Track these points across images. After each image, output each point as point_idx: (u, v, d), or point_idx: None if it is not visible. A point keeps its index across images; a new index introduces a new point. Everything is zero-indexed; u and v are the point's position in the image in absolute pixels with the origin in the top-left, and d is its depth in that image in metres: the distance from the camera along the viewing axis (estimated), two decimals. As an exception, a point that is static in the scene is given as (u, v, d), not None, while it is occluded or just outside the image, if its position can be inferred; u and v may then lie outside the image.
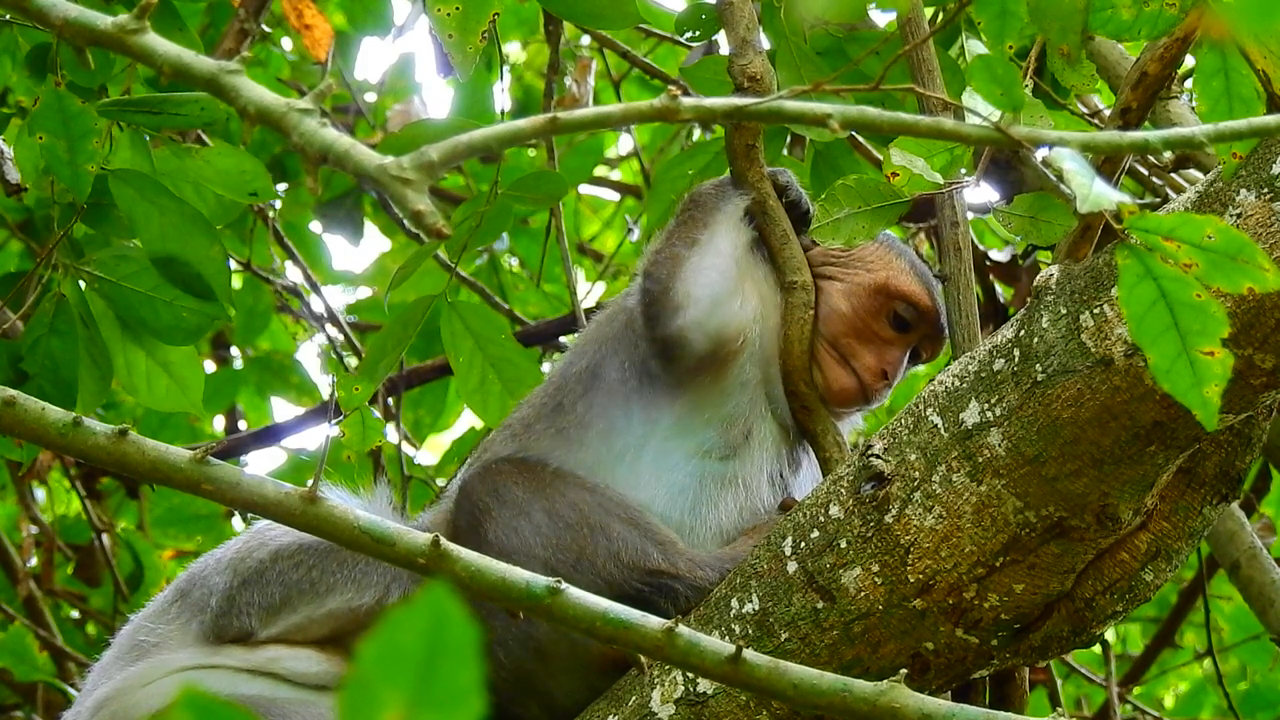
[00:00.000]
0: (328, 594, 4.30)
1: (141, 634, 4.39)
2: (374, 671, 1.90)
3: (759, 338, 4.24)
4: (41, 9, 3.11)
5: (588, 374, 4.28)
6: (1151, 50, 4.12)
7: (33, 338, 4.38)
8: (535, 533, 4.12)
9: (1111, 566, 3.92)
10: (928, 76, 4.23)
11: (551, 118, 2.87)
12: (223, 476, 3.30)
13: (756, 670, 3.16)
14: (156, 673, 4.27)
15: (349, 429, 5.19)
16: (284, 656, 4.29)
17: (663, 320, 4.16)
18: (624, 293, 4.48)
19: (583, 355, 4.33)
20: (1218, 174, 3.75)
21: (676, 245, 4.21)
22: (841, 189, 4.00)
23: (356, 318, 7.65)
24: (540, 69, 7.51)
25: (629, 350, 4.26)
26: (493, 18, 4.42)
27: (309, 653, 4.31)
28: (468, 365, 4.77)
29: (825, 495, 3.97)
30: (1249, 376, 3.68)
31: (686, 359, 4.18)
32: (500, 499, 4.15)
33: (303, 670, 4.29)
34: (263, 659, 4.28)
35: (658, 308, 4.18)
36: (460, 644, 1.91)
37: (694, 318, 4.16)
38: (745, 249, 4.24)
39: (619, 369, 4.26)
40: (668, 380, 4.21)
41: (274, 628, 4.30)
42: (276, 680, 4.28)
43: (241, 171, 4.36)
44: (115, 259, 4.42)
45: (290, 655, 4.30)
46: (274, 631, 4.30)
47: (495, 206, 4.61)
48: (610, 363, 4.27)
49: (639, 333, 4.24)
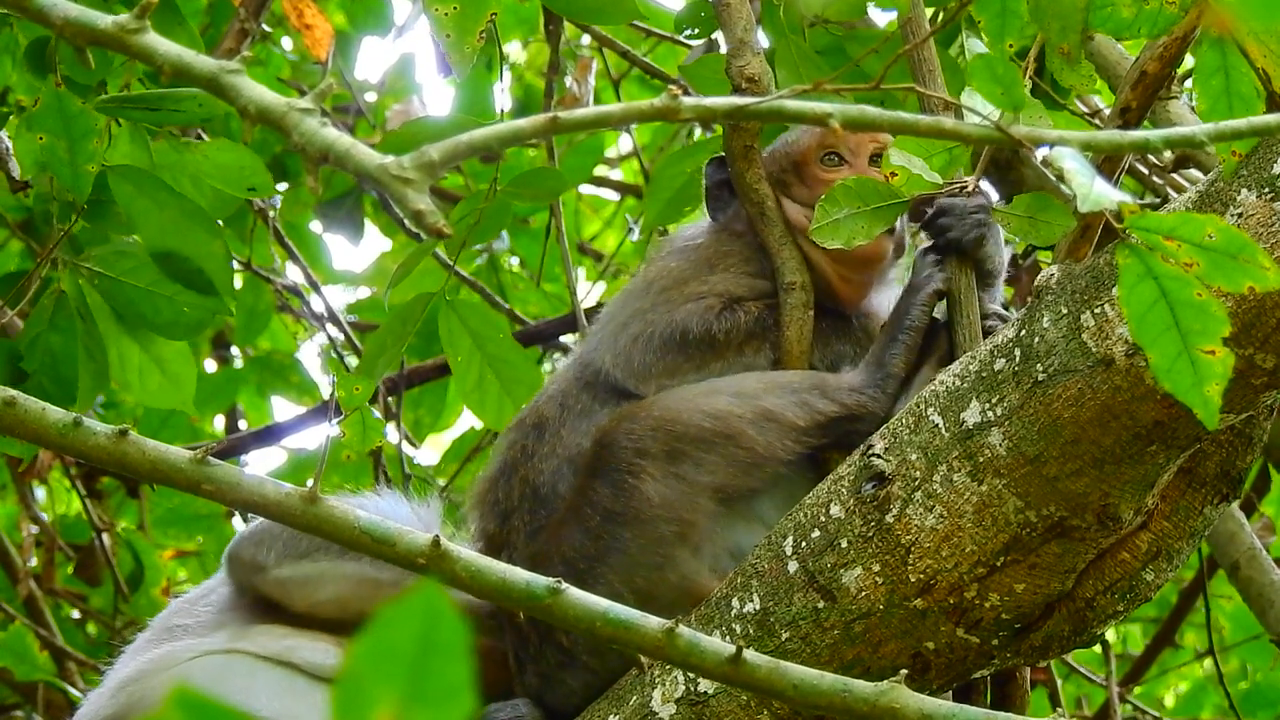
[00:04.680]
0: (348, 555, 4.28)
1: (178, 616, 4.41)
2: (366, 668, 1.90)
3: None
4: (41, 9, 3.11)
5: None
6: (1151, 49, 4.11)
7: (32, 334, 4.38)
8: (697, 466, 4.11)
9: (1112, 566, 3.92)
10: (928, 75, 4.23)
11: (551, 117, 2.87)
12: (223, 476, 3.30)
13: (757, 670, 3.16)
14: (179, 657, 4.28)
15: (349, 429, 5.18)
16: (301, 647, 4.30)
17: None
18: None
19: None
20: (1218, 173, 3.75)
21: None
22: (841, 189, 4.00)
23: (356, 317, 7.65)
24: (540, 69, 7.51)
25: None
26: (491, 17, 4.42)
27: (325, 645, 4.31)
28: (466, 364, 4.77)
29: (826, 495, 3.97)
30: (1250, 376, 3.68)
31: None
32: (643, 453, 4.10)
33: (319, 661, 4.29)
34: (281, 648, 4.29)
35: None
36: (452, 641, 1.91)
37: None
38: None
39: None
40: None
41: (287, 570, 4.29)
42: (293, 670, 4.28)
43: (240, 167, 4.35)
44: (115, 255, 4.42)
45: (308, 646, 4.30)
46: (285, 573, 4.29)
47: (495, 203, 4.61)
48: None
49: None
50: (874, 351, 4.17)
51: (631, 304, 4.36)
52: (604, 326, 4.39)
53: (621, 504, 4.07)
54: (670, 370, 4.23)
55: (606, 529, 4.08)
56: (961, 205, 4.15)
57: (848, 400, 4.10)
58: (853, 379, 4.13)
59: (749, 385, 4.15)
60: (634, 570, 4.07)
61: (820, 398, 4.10)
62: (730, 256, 4.35)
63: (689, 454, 4.06)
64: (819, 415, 4.10)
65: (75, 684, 6.58)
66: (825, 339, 4.27)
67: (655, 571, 4.06)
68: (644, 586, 4.05)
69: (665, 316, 4.27)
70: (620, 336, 4.30)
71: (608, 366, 4.28)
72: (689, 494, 4.06)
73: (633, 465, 4.08)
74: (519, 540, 4.21)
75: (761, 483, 4.10)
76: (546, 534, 4.17)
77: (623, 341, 4.28)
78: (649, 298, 4.34)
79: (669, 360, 4.23)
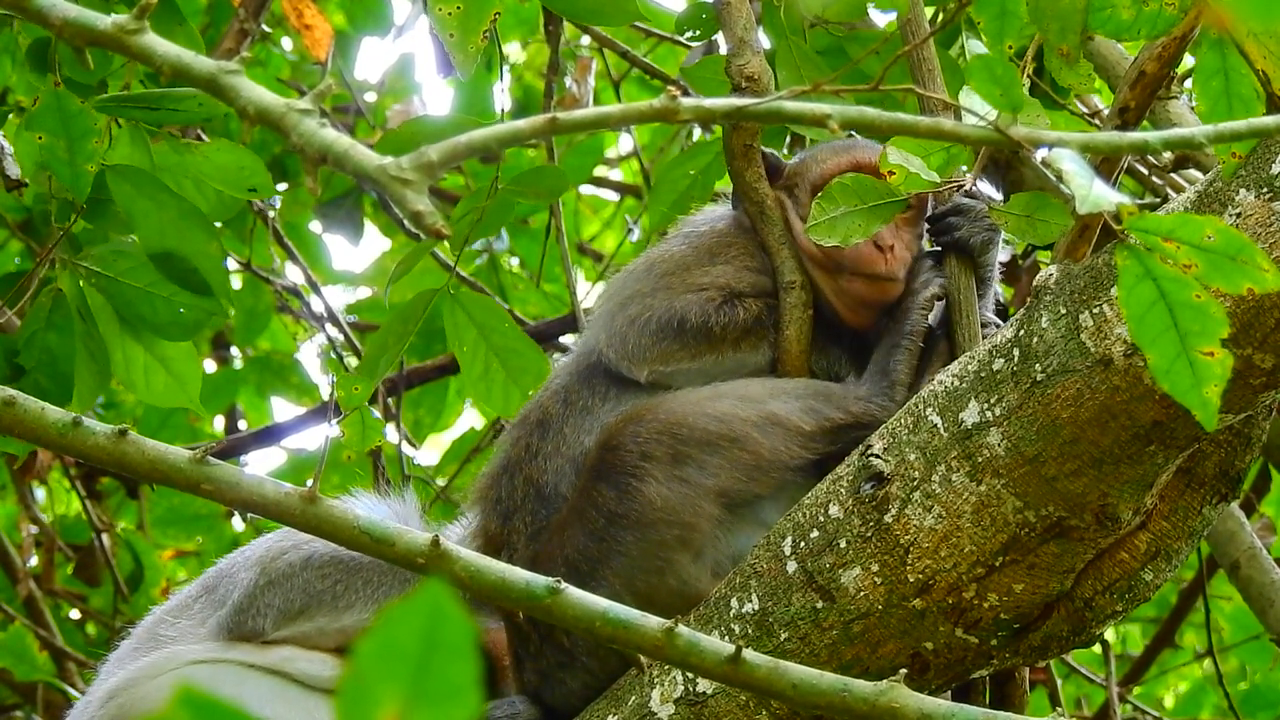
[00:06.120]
0: (346, 610, 4.33)
1: (161, 626, 4.42)
2: (371, 668, 1.90)
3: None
4: (41, 9, 3.11)
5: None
6: (1150, 49, 4.12)
7: (29, 332, 4.38)
8: (701, 469, 4.11)
9: (1111, 566, 3.92)
10: (928, 76, 4.23)
11: (551, 118, 2.87)
12: (223, 476, 3.30)
13: (756, 670, 3.16)
14: (168, 665, 4.29)
15: (349, 429, 5.18)
16: (297, 658, 4.31)
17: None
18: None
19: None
20: (1217, 174, 3.75)
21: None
22: (838, 188, 4.00)
23: (356, 318, 7.65)
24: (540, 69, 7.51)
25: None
26: (493, 17, 4.42)
27: (323, 656, 4.32)
28: (471, 355, 4.77)
29: (825, 495, 3.97)
30: (1248, 376, 3.68)
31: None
32: (648, 456, 4.09)
33: (314, 673, 4.30)
34: (276, 658, 4.30)
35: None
36: (457, 641, 1.91)
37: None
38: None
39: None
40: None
41: (285, 631, 4.32)
42: (286, 680, 4.29)
43: (241, 167, 4.35)
44: (113, 254, 4.42)
45: (304, 657, 4.31)
46: (283, 634, 4.32)
47: (496, 201, 4.61)
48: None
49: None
50: (878, 360, 4.17)
51: (632, 285, 4.35)
52: (603, 305, 4.39)
53: (624, 507, 4.07)
54: (664, 356, 4.23)
55: (609, 531, 4.07)
56: (977, 208, 4.16)
57: (854, 408, 4.10)
58: (859, 387, 4.13)
59: (754, 390, 4.14)
60: (635, 574, 4.07)
61: (828, 405, 4.10)
62: (735, 248, 4.34)
63: (693, 457, 4.06)
64: (826, 422, 4.09)
65: (75, 684, 6.58)
66: (822, 344, 4.26)
67: (656, 576, 4.06)
68: (644, 590, 4.04)
69: (665, 302, 4.26)
70: (617, 316, 4.29)
71: (602, 346, 4.27)
72: (692, 498, 4.06)
73: (637, 468, 4.08)
74: (520, 540, 4.21)
75: (766, 488, 4.09)
76: (548, 534, 4.17)
77: (619, 322, 4.27)
78: (650, 280, 4.33)
79: (663, 346, 4.23)
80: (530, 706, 4.19)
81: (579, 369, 4.32)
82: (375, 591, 4.35)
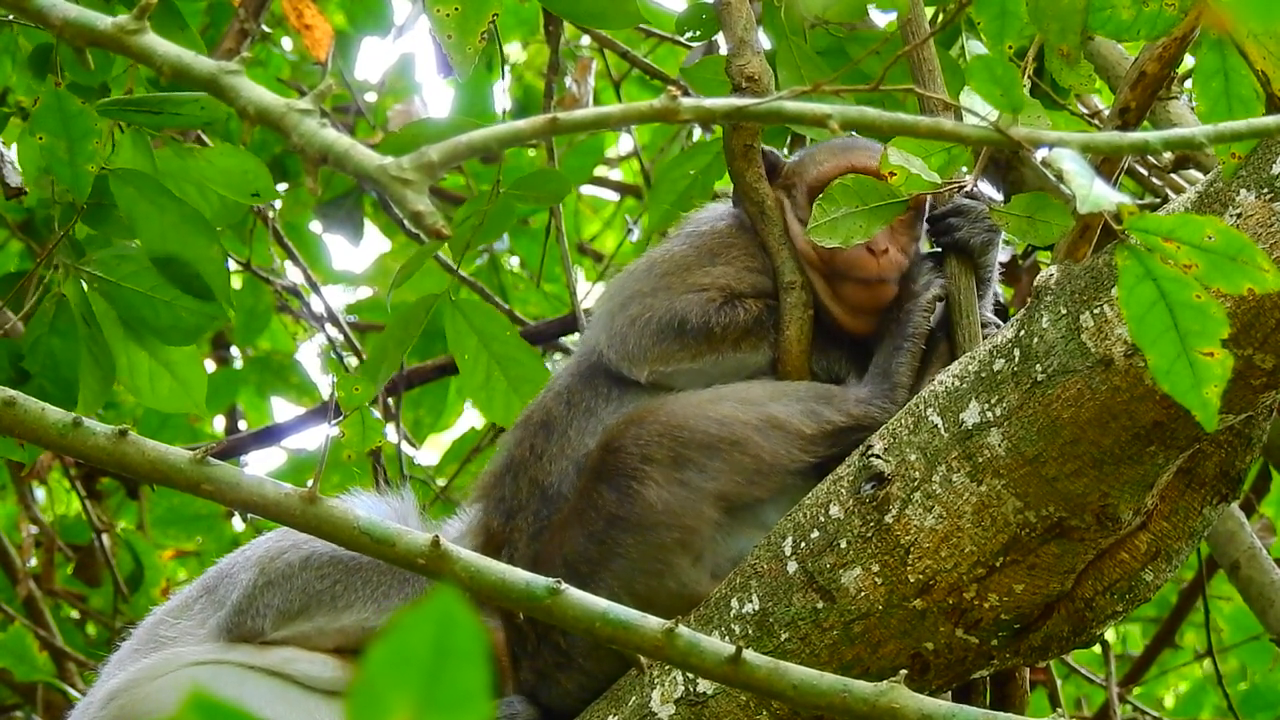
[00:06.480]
0: (345, 610, 4.33)
1: (162, 628, 4.42)
2: (382, 674, 1.90)
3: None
4: (41, 9, 3.11)
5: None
6: (1150, 50, 4.12)
7: (33, 337, 4.38)
8: (701, 472, 4.10)
9: (1111, 567, 3.92)
10: (928, 76, 4.23)
11: (551, 118, 2.87)
12: (223, 477, 3.30)
13: (756, 671, 3.16)
14: (169, 667, 4.29)
15: (349, 429, 5.19)
16: (298, 659, 4.31)
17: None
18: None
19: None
20: (1217, 174, 3.75)
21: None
22: (839, 188, 4.00)
23: (356, 318, 7.65)
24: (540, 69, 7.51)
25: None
26: (492, 18, 4.42)
27: (324, 657, 4.32)
28: (472, 362, 4.77)
29: (825, 495, 3.97)
30: (1249, 377, 3.68)
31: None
32: (648, 459, 4.08)
33: (315, 674, 4.30)
34: (277, 659, 4.30)
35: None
36: (468, 647, 1.90)
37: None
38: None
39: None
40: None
41: (284, 631, 4.32)
42: (286, 681, 4.29)
43: (244, 171, 4.36)
44: (115, 259, 4.42)
45: (305, 658, 4.31)
46: (283, 635, 4.32)
47: (498, 205, 4.61)
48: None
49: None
50: (879, 362, 4.16)
51: (632, 285, 4.34)
52: (603, 305, 4.39)
53: (625, 509, 4.07)
54: (664, 357, 4.23)
55: (609, 534, 4.07)
56: (978, 209, 4.16)
57: (856, 411, 4.09)
58: (860, 389, 4.13)
59: (755, 393, 4.14)
60: (634, 576, 4.07)
61: (828, 407, 4.10)
62: (736, 249, 4.34)
63: (694, 460, 4.06)
64: (827, 425, 4.09)
65: (75, 685, 6.58)
66: (823, 345, 4.26)
67: (655, 578, 4.06)
68: (643, 592, 4.04)
69: (665, 303, 4.26)
70: (618, 317, 4.29)
71: (602, 347, 4.27)
72: (693, 501, 4.06)
73: (638, 471, 4.08)
74: (521, 540, 4.21)
75: (766, 492, 4.09)
76: (549, 535, 4.17)
77: (620, 322, 4.27)
78: (650, 280, 4.32)
79: (664, 347, 4.22)
80: (528, 706, 4.19)
81: (580, 370, 4.32)
82: (374, 591, 4.35)
